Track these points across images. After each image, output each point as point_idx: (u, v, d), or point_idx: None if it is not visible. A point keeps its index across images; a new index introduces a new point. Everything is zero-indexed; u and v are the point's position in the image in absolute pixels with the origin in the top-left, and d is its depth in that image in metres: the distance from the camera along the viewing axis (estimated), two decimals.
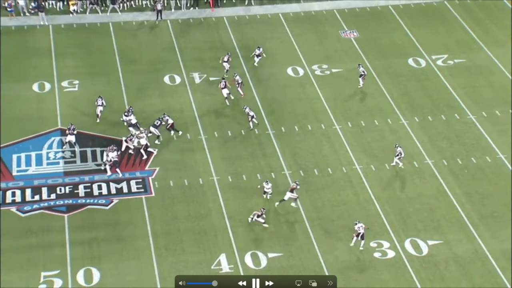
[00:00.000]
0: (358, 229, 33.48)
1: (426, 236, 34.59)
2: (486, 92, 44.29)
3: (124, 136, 39.50)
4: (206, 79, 45.22)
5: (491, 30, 50.23)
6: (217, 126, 41.34)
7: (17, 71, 45.58)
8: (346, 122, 41.76)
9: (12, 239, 34.06)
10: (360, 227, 33.48)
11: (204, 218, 35.51)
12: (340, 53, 48.06)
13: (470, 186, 37.48)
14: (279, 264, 33.11)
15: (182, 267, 32.95)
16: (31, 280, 32.07)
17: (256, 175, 37.98)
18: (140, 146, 38.75)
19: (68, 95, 43.61)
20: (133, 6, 52.62)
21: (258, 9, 52.58)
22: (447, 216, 35.80)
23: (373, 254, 33.67)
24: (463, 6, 52.97)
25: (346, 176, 38.09)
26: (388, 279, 32.58)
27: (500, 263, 33.30)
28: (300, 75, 45.90)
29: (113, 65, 46.47)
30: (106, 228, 34.85)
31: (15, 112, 41.98)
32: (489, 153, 39.64)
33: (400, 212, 35.99)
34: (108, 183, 37.30)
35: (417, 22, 51.16)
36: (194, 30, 50.53)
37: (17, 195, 36.46)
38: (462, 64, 46.89)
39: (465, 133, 41.09)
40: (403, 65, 46.68)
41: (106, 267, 32.83)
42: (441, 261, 33.43)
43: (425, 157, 39.27)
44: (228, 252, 33.72)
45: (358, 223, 33.63)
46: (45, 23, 50.22)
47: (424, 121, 41.93)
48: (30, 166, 38.35)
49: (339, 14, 52.18)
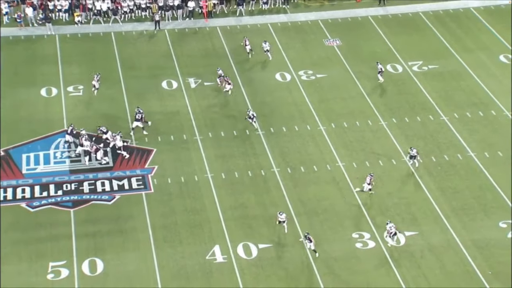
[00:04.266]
0: (390, 229, 33.19)
1: (404, 228, 34.60)
2: (457, 95, 44.36)
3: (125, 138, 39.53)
4: (201, 84, 45.14)
5: (461, 39, 50.33)
6: (211, 127, 41.27)
7: (26, 77, 45.42)
8: (330, 123, 41.75)
9: (22, 232, 34.00)
10: (391, 226, 33.20)
11: (199, 212, 35.45)
12: (324, 59, 48.06)
13: (443, 182, 37.54)
14: (269, 255, 33.08)
15: (179, 257, 32.90)
16: (40, 270, 31.98)
17: (247, 172, 37.94)
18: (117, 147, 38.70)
19: (73, 99, 43.48)
20: (133, 17, 52.53)
21: (249, 19, 52.53)
22: (423, 209, 35.85)
23: (355, 245, 33.68)
24: (436, 16, 53.07)
25: (330, 173, 38.09)
26: (369, 267, 32.59)
27: (470, 252, 33.38)
28: (287, 80, 45.87)
29: (115, 71, 46.35)
30: (109, 222, 34.77)
31: (25, 115, 41.85)
32: (460, 151, 39.71)
33: (380, 206, 36.00)
34: (110, 180, 37.18)
35: (395, 31, 51.22)
36: (190, 39, 50.45)
37: (27, 192, 36.32)
38: (436, 69, 46.96)
39: (438, 133, 41.15)
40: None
41: (109, 257, 32.75)
42: (417, 250, 33.47)
43: (402, 155, 39.30)
44: (221, 243, 33.66)
45: (390, 223, 33.33)
46: (52, 33, 50.08)
47: (401, 122, 41.96)
48: (38, 165, 38.20)
49: (323, 24, 52.18)
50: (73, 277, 31.76)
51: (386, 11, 53.73)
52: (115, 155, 38.67)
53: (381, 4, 54.17)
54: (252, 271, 32.30)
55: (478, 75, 46.29)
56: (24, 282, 31.42)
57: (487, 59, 47.99)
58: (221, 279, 31.86)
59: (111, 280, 31.68)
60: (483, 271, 32.44)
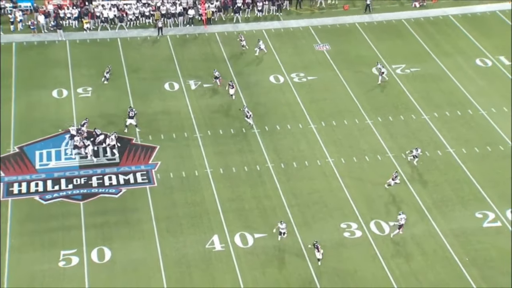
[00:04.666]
0: (400, 220, 33.04)
1: (388, 218, 34.62)
2: (437, 96, 44.36)
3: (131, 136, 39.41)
4: (200, 86, 45.02)
5: (440, 44, 50.31)
6: (210, 126, 41.18)
7: (39, 80, 45.23)
8: (320, 122, 41.70)
9: (35, 223, 33.93)
10: (402, 218, 33.03)
11: (199, 204, 35.39)
12: (314, 63, 47.97)
13: (424, 176, 37.54)
14: (264, 243, 33.05)
15: (181, 246, 32.86)
16: (52, 258, 31.96)
17: (243, 167, 37.87)
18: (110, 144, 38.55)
19: (82, 100, 43.33)
20: (138, 24, 52.35)
21: (244, 26, 52.41)
22: (406, 201, 35.86)
23: (343, 234, 33.68)
24: (417, 23, 53.04)
25: (320, 168, 38.05)
26: (356, 255, 32.60)
27: (449, 240, 33.44)
28: (280, 82, 45.79)
29: (121, 74, 46.19)
30: (115, 213, 34.69)
31: (38, 115, 41.69)
32: (440, 148, 39.71)
33: (366, 198, 35.99)
34: (117, 175, 37.08)
35: (379, 37, 51.16)
36: (190, 44, 50.32)
37: (40, 186, 36.22)
38: (417, 72, 46.93)
39: (420, 131, 41.14)
40: (367, 73, 46.61)
41: (116, 246, 32.70)
42: (400, 239, 33.47)
43: (387, 151, 39.29)
44: (220, 233, 33.63)
45: (402, 214, 33.13)
46: (63, 39, 49.89)
47: (386, 121, 41.94)
48: (50, 161, 38.08)
49: (313, 30, 52.10)
50: (83, 264, 31.72)
51: (372, 18, 53.68)
52: (122, 151, 38.57)
53: (367, 12, 54.12)
54: (248, 258, 32.28)
55: (456, 77, 46.29)
56: (37, 269, 31.38)
57: (464, 63, 47.99)
58: (220, 266, 31.84)
59: (118, 267, 31.64)
60: (460, 257, 32.52)
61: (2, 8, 52.09)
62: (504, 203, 35.56)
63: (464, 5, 55.31)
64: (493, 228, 34.17)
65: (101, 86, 44.57)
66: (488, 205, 35.53)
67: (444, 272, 31.79)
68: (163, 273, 31.37)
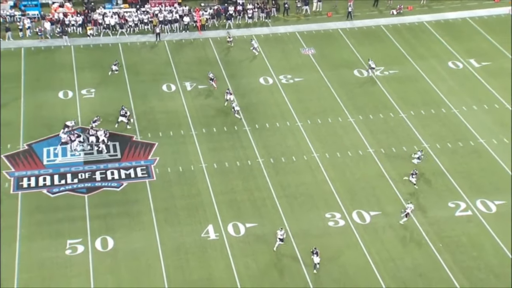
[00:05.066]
0: (408, 209, 33.02)
1: (369, 209, 34.72)
2: (413, 96, 44.45)
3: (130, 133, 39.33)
4: (195, 87, 44.92)
5: (416, 48, 50.40)
6: (205, 124, 41.11)
7: (46, 82, 44.99)
8: (306, 120, 41.72)
9: (44, 215, 33.81)
10: (410, 207, 33.05)
11: (195, 196, 35.34)
12: (301, 66, 47.96)
13: (402, 169, 37.62)
14: (255, 232, 33.08)
15: (178, 235, 32.83)
16: (59, 247, 31.90)
17: (236, 162, 37.85)
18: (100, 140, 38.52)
19: (86, 101, 43.14)
20: (137, 30, 52.17)
21: (236, 32, 52.31)
22: (385, 192, 35.94)
23: (327, 223, 33.75)
24: (395, 29, 53.12)
25: (306, 162, 38.08)
26: (340, 242, 32.68)
27: (424, 228, 33.57)
28: (270, 83, 45.76)
29: (121, 76, 46.00)
30: (117, 205, 34.60)
31: (45, 115, 41.47)
32: (416, 143, 39.81)
33: (349, 190, 36.06)
34: (119, 170, 36.99)
35: (360, 41, 51.21)
36: (186, 48, 50.17)
37: (47, 180, 36.09)
38: (395, 74, 47.02)
39: (397, 128, 41.24)
40: (349, 75, 46.69)
41: (118, 236, 32.64)
42: (380, 227, 33.59)
43: (368, 147, 39.37)
44: (214, 223, 33.62)
45: (410, 203, 33.05)
46: (68, 44, 49.63)
47: (367, 119, 42.01)
48: (57, 157, 37.93)
49: (299, 35, 52.08)
50: (88, 252, 31.67)
51: (353, 24, 53.72)
52: (123, 148, 38.47)
53: (349, 18, 54.17)
54: (240, 246, 32.29)
55: (430, 79, 46.42)
56: (46, 256, 31.32)
57: (438, 65, 48.11)
58: (214, 254, 31.84)
59: (120, 255, 31.59)
60: (434, 244, 32.67)
61: (12, 16, 51.96)
62: (474, 193, 35.75)
63: (437, 12, 55.50)
64: (464, 216, 34.34)
65: (103, 88, 44.41)
66: (459, 195, 35.69)
67: (420, 257, 31.94)
68: (162, 260, 31.35)
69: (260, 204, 34.86)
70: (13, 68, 46.18)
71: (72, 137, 38.19)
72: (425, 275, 31.05)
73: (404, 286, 30.48)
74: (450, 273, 31.13)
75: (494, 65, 47.95)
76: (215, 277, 30.61)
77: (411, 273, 31.10)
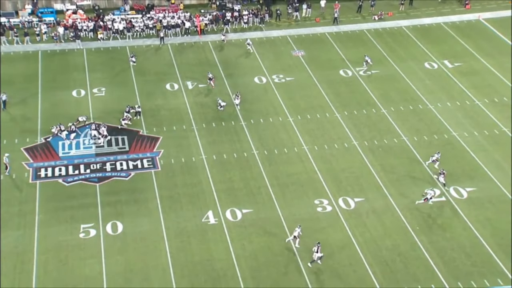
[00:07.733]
0: (427, 194, 33.15)
1: (353, 195, 34.76)
2: (394, 94, 44.45)
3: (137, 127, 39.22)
4: (196, 86, 44.79)
5: (396, 50, 50.36)
6: (204, 120, 41.02)
7: (60, 82, 44.79)
8: (296, 116, 41.67)
9: (59, 202, 33.74)
10: (429, 192, 33.10)
11: (196, 185, 35.30)
12: (292, 66, 47.86)
13: (383, 160, 37.69)
14: (251, 217, 33.09)
15: (181, 220, 32.82)
16: (74, 231, 31.89)
17: (233, 154, 37.80)
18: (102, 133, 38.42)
19: (97, 99, 42.97)
20: (143, 35, 51.97)
21: (233, 35, 52.14)
22: (368, 181, 35.98)
23: (316, 209, 33.78)
24: (376, 33, 53.04)
25: (297, 154, 38.06)
26: (327, 226, 32.73)
27: (403, 213, 33.65)
28: (263, 82, 45.66)
29: (129, 76, 45.84)
30: (126, 193, 34.54)
31: (60, 112, 41.29)
32: (396, 136, 39.85)
33: (335, 179, 36.08)
34: (127, 161, 36.91)
35: (345, 44, 51.11)
36: (187, 51, 49.99)
37: (63, 170, 36.01)
38: (377, 74, 46.98)
39: (379, 122, 41.24)
40: (336, 75, 46.62)
41: (127, 221, 32.62)
42: (364, 213, 33.65)
43: (352, 140, 39.38)
44: (213, 209, 33.60)
45: (431, 190, 32.98)
46: (80, 47, 49.39)
47: (351, 114, 41.99)
48: (71, 150, 37.83)
49: (290, 38, 51.94)
50: (99, 236, 31.65)
51: (339, 29, 53.61)
52: (131, 141, 38.37)
53: (335, 23, 54.07)
54: (237, 230, 32.31)
55: (408, 78, 46.39)
56: (62, 239, 31.32)
57: (415, 66, 48.07)
58: (214, 237, 31.84)
59: (129, 238, 31.58)
60: (413, 227, 32.75)
61: (30, 22, 51.72)
62: (448, 181, 35.80)
63: (415, 18, 55.46)
64: (438, 202, 34.42)
65: (113, 87, 44.24)
66: (435, 183, 35.75)
67: (399, 239, 32.02)
68: (166, 243, 31.35)
69: (255, 192, 34.85)
70: (31, 69, 45.99)
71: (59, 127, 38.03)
72: (403, 254, 31.14)
73: (384, 265, 30.57)
74: (426, 253, 31.22)
75: (465, 66, 47.98)
76: (215, 258, 30.63)
77: (391, 252, 31.19)
